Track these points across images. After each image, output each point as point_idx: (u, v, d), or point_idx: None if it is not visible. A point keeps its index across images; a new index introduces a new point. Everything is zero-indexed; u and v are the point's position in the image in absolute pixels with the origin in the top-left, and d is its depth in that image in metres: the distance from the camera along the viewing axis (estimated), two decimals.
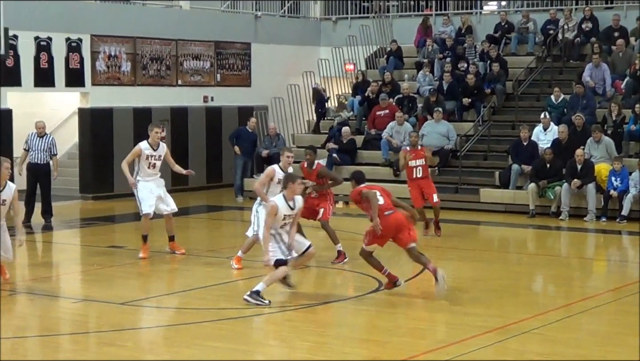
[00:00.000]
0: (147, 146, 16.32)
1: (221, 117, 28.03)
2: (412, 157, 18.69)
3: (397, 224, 13.38)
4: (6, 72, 22.96)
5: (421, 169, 18.67)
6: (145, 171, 16.30)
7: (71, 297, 13.51)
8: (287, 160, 15.50)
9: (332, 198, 17.01)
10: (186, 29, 27.45)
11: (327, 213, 16.61)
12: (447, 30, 29.17)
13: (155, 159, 16.36)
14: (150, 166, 16.31)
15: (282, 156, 15.57)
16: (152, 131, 16.46)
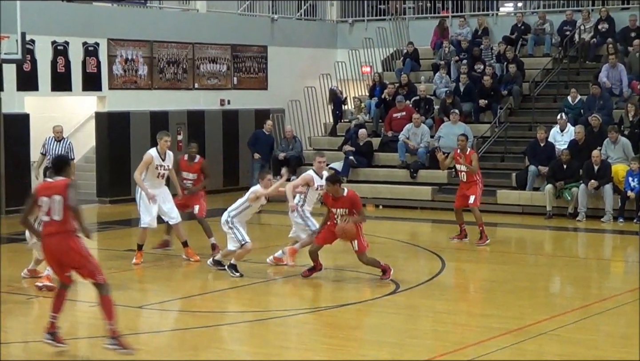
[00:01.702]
0: (157, 155, 16.29)
1: (238, 120, 28.05)
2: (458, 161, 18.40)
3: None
4: (23, 76, 23.06)
5: (465, 174, 18.23)
6: (153, 180, 16.28)
7: (88, 301, 13.51)
8: (319, 165, 15.65)
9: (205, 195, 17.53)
10: (203, 32, 27.49)
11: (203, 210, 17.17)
12: (463, 32, 29.13)
13: (164, 169, 16.34)
14: (160, 176, 16.31)
15: (315, 162, 15.71)
16: (161, 140, 16.37)
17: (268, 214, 24.00)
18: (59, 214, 10.31)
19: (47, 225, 10.41)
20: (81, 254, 10.49)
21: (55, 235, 10.35)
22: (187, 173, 17.31)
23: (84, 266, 10.46)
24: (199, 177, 17.37)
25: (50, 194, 10.34)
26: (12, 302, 13.62)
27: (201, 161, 17.59)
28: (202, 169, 17.43)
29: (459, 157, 18.24)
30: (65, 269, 10.53)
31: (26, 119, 23.25)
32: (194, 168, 17.33)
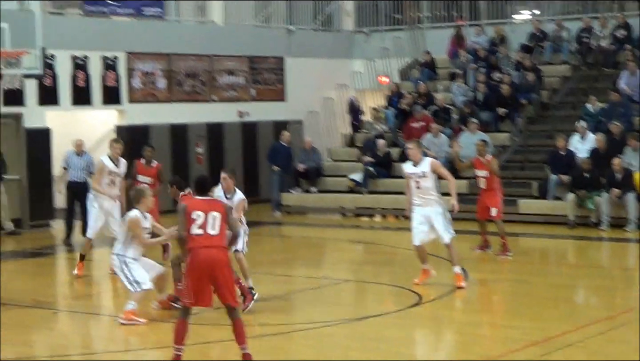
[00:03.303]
0: (109, 162, 16.36)
1: (257, 132, 28.11)
2: (477, 167, 18.40)
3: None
4: (44, 91, 23.19)
5: (485, 180, 18.16)
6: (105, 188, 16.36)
7: (112, 314, 13.58)
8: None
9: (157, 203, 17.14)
10: (220, 44, 27.57)
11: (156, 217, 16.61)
12: (480, 40, 29.10)
13: (116, 175, 16.45)
14: (112, 183, 16.38)
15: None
16: (111, 146, 16.60)
17: (289, 226, 24.10)
18: (217, 229, 10.34)
19: (201, 238, 10.32)
20: (231, 271, 10.54)
21: (212, 248, 10.29)
22: (143, 177, 17.48)
23: (228, 285, 10.39)
24: (154, 182, 17.48)
25: (208, 209, 10.36)
26: (37, 316, 13.69)
27: (158, 166, 17.80)
28: (158, 174, 17.55)
29: (478, 162, 18.24)
30: (207, 286, 10.31)
31: (48, 134, 23.37)
32: (151, 172, 17.50)
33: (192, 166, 25.86)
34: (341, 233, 22.82)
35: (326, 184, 26.19)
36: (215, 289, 10.36)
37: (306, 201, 26.05)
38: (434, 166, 14.85)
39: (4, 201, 22.12)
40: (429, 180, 14.80)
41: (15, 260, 19.51)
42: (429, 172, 14.78)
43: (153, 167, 17.71)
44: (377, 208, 25.09)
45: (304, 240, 22.11)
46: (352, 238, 21.96)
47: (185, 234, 10.37)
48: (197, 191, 10.66)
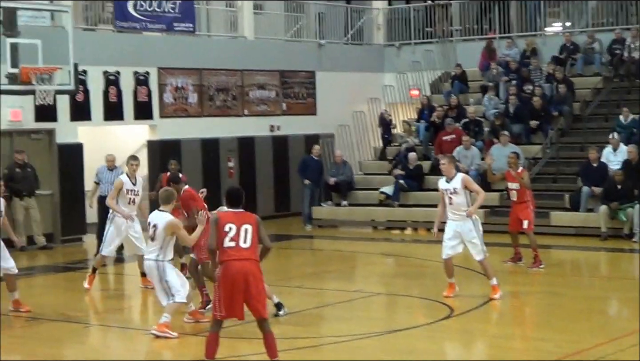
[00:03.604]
0: (127, 180, 16.37)
1: (288, 146, 28.15)
2: (509, 179, 18.37)
3: None
4: (77, 107, 23.32)
5: (516, 193, 18.14)
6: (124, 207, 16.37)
7: (143, 328, 13.62)
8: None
9: None
10: (251, 59, 27.65)
11: None
12: (511, 53, 29.02)
13: (134, 194, 16.44)
14: (131, 202, 16.39)
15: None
16: (128, 163, 16.63)
17: (320, 239, 24.10)
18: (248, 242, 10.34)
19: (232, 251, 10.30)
20: (263, 284, 10.51)
21: (243, 261, 10.28)
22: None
23: (260, 298, 10.39)
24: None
25: (240, 222, 10.36)
26: (69, 330, 13.74)
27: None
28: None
29: (510, 175, 18.21)
30: (239, 299, 10.30)
31: (80, 149, 23.51)
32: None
33: (224, 180, 25.91)
34: (372, 246, 22.79)
35: (357, 198, 26.18)
36: (247, 302, 10.36)
37: (337, 214, 26.04)
38: (465, 182, 14.83)
39: (36, 216, 22.28)
40: (460, 196, 14.79)
41: (47, 275, 19.64)
42: (460, 189, 14.77)
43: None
44: (408, 220, 25.04)
45: (335, 253, 22.09)
46: (383, 251, 21.92)
47: (216, 246, 10.37)
48: (228, 203, 10.59)
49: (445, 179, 14.99)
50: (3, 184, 15.85)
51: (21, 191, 22.03)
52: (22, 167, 22.08)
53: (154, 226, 12.85)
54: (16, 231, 22.06)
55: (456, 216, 14.88)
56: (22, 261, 20.90)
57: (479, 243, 14.86)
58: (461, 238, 14.88)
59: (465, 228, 14.85)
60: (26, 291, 15.89)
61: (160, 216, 12.90)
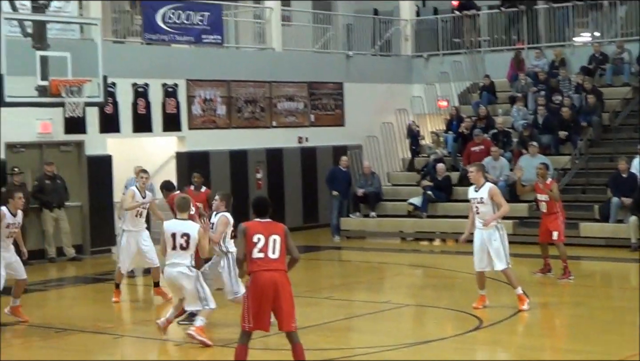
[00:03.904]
0: (138, 193, 16.37)
1: (316, 157, 28.17)
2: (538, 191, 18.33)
3: None
4: (106, 119, 23.45)
5: (545, 204, 18.10)
6: (133, 220, 16.37)
7: (173, 339, 13.65)
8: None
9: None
10: (279, 70, 27.71)
11: None
12: (540, 64, 28.96)
13: (143, 207, 16.43)
14: (138, 215, 16.40)
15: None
16: (137, 176, 16.68)
17: (349, 251, 24.09)
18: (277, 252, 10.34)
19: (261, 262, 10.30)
20: (292, 295, 10.49)
21: (273, 271, 10.27)
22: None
23: (289, 309, 10.37)
24: (204, 207, 17.46)
25: (269, 232, 10.35)
26: (99, 342, 13.79)
27: (207, 192, 17.85)
28: (207, 200, 17.59)
29: (539, 186, 18.16)
30: (267, 310, 10.30)
31: (109, 161, 23.61)
32: (200, 198, 17.52)
33: (252, 192, 25.94)
34: (401, 257, 22.75)
35: (385, 209, 26.16)
36: (275, 313, 10.35)
37: (365, 225, 26.02)
38: (491, 192, 14.82)
39: (65, 228, 22.41)
40: (487, 206, 14.79)
41: (77, 286, 19.74)
42: (486, 199, 14.78)
43: (202, 193, 17.81)
44: (437, 231, 25.01)
45: (364, 265, 22.08)
46: (411, 262, 21.89)
47: (245, 257, 10.36)
48: (256, 213, 10.56)
49: (474, 187, 15.01)
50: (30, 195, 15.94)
51: (51, 203, 22.16)
52: (51, 179, 22.22)
53: (184, 236, 12.74)
54: (46, 242, 22.32)
55: (482, 225, 14.88)
56: (51, 272, 21.10)
57: (502, 252, 14.83)
58: (487, 247, 14.85)
59: (490, 237, 14.84)
60: (56, 303, 16.00)
61: (188, 225, 12.87)
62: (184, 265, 12.83)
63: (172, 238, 12.74)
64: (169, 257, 12.85)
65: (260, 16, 28.73)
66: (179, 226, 12.85)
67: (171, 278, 13.01)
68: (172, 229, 12.81)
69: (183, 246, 12.74)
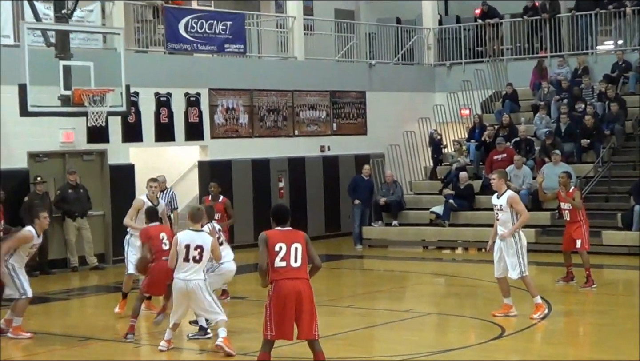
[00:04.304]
0: (148, 201, 16.27)
1: (338, 166, 28.18)
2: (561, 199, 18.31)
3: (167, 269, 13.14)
4: (128, 128, 23.53)
5: (568, 213, 18.08)
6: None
7: (194, 348, 13.67)
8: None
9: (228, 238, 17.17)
10: (301, 79, 27.75)
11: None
12: (562, 72, 28.90)
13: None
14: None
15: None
16: (147, 185, 16.58)
17: (371, 259, 24.08)
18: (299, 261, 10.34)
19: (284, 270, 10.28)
20: (314, 304, 10.46)
21: (296, 280, 10.26)
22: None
23: (312, 318, 10.36)
24: (222, 216, 17.51)
25: (290, 241, 10.35)
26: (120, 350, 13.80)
27: (224, 201, 17.83)
28: (225, 209, 17.58)
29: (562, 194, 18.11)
30: (290, 319, 10.28)
31: (131, 170, 23.69)
32: (217, 208, 17.47)
33: (274, 201, 25.93)
34: (423, 266, 22.72)
35: (408, 217, 26.14)
36: (297, 322, 10.33)
37: (388, 234, 26.00)
38: (511, 200, 14.84)
39: (88, 237, 22.48)
40: (506, 213, 14.84)
41: (99, 295, 19.79)
42: (505, 206, 14.82)
43: (219, 203, 17.77)
44: (459, 240, 24.97)
45: (386, 273, 22.06)
46: (433, 271, 21.85)
47: (266, 266, 10.34)
48: (275, 221, 10.53)
49: (496, 194, 15.04)
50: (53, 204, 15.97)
51: (73, 212, 22.25)
52: (74, 188, 22.31)
53: (198, 248, 12.62)
54: (68, 251, 22.41)
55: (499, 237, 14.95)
56: (74, 281, 21.18)
57: (517, 260, 14.83)
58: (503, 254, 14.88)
59: (507, 246, 14.86)
60: (78, 311, 16.05)
61: (202, 236, 12.79)
62: (198, 278, 12.70)
63: (186, 249, 12.58)
64: (181, 269, 12.65)
65: (282, 25, 28.78)
66: (193, 237, 12.72)
67: (186, 291, 12.75)
68: (187, 240, 12.65)
69: (196, 258, 12.60)
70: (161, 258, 13.93)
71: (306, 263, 10.35)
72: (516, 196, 15.17)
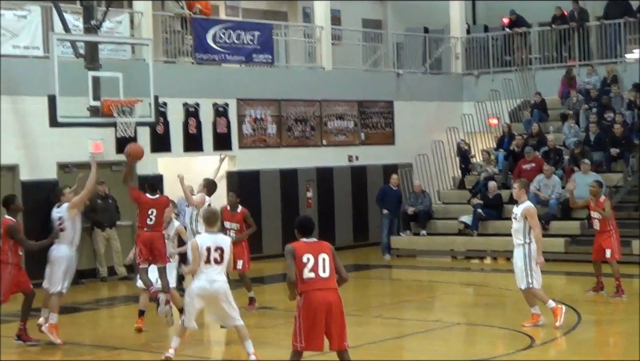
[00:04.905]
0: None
1: (366, 175, 28.17)
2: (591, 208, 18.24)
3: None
4: (157, 138, 23.60)
5: (598, 222, 18.00)
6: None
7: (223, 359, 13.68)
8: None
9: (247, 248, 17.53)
10: (329, 89, 27.77)
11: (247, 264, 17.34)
12: (591, 81, 28.77)
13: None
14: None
15: None
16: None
17: (399, 269, 24.04)
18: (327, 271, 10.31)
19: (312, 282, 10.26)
20: (344, 314, 10.43)
21: (325, 291, 10.24)
22: (229, 223, 17.42)
23: (342, 328, 10.34)
24: (241, 227, 17.43)
25: (317, 252, 10.32)
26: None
27: (243, 211, 17.73)
28: (245, 219, 17.54)
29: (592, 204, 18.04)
30: (320, 330, 10.24)
31: (160, 180, 23.72)
32: (236, 218, 17.49)
33: (302, 210, 25.94)
34: (451, 276, 22.66)
35: (436, 227, 26.09)
36: (327, 332, 10.29)
37: (416, 243, 25.96)
38: (526, 212, 14.91)
39: (116, 247, 22.58)
40: (519, 223, 14.97)
41: (128, 305, 19.79)
42: (519, 216, 14.93)
43: (238, 213, 17.68)
44: (488, 250, 24.88)
45: (414, 283, 22.02)
46: (462, 281, 21.78)
47: (295, 278, 10.31)
48: (301, 233, 10.49)
49: (517, 203, 15.21)
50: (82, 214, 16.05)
51: (102, 223, 22.35)
52: (103, 198, 22.41)
53: (218, 249, 12.55)
54: (97, 261, 22.49)
55: (515, 241, 15.09)
56: (103, 291, 21.25)
57: (523, 272, 14.95)
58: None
59: (517, 256, 15.06)
60: (107, 322, 16.09)
61: (221, 238, 12.76)
62: (224, 281, 12.66)
63: (207, 251, 12.49)
64: (204, 271, 12.53)
65: (310, 35, 28.82)
66: (213, 239, 12.66)
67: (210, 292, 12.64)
68: (207, 243, 12.55)
69: (217, 260, 12.52)
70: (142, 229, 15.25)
71: (334, 273, 10.33)
72: (532, 209, 15.11)
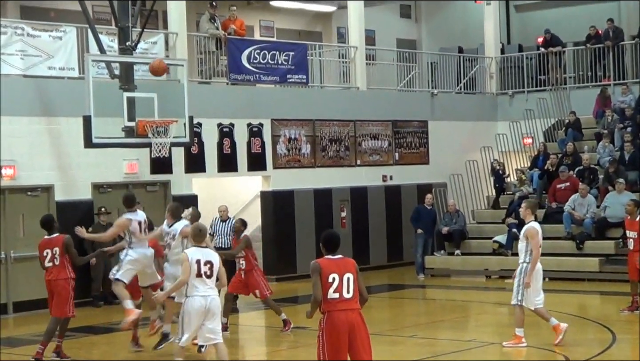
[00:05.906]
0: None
1: (400, 195, 28.17)
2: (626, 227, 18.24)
3: None
4: (191, 159, 23.72)
5: (633, 241, 17.93)
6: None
7: None
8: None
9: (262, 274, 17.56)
10: (363, 109, 27.82)
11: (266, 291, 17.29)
12: (626, 100, 28.64)
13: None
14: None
15: None
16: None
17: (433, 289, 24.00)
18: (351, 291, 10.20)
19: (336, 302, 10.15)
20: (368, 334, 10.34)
21: (348, 311, 10.16)
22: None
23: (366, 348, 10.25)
24: (247, 255, 17.26)
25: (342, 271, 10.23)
26: None
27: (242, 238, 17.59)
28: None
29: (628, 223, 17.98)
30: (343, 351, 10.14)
31: (194, 200, 23.81)
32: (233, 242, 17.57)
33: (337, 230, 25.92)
34: (486, 296, 22.59)
35: (470, 247, 26.04)
36: (351, 353, 10.25)
37: (450, 263, 25.92)
38: (527, 232, 15.05)
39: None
40: (522, 243, 15.15)
41: None
42: (522, 236, 15.15)
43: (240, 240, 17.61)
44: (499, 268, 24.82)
45: (448, 303, 21.97)
46: (497, 301, 21.69)
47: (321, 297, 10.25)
48: (326, 249, 10.37)
49: None
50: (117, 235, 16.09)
51: None
52: None
53: (208, 263, 12.43)
54: None
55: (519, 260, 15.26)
56: None
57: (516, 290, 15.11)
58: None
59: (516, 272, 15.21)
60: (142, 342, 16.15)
61: (210, 253, 12.65)
62: (214, 293, 12.58)
63: (197, 264, 12.36)
64: (195, 285, 12.40)
65: (344, 55, 28.92)
66: (202, 252, 12.56)
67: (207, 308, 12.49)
68: (197, 255, 12.43)
69: (207, 273, 12.39)
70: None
71: (357, 293, 10.26)
72: (534, 229, 15.10)
